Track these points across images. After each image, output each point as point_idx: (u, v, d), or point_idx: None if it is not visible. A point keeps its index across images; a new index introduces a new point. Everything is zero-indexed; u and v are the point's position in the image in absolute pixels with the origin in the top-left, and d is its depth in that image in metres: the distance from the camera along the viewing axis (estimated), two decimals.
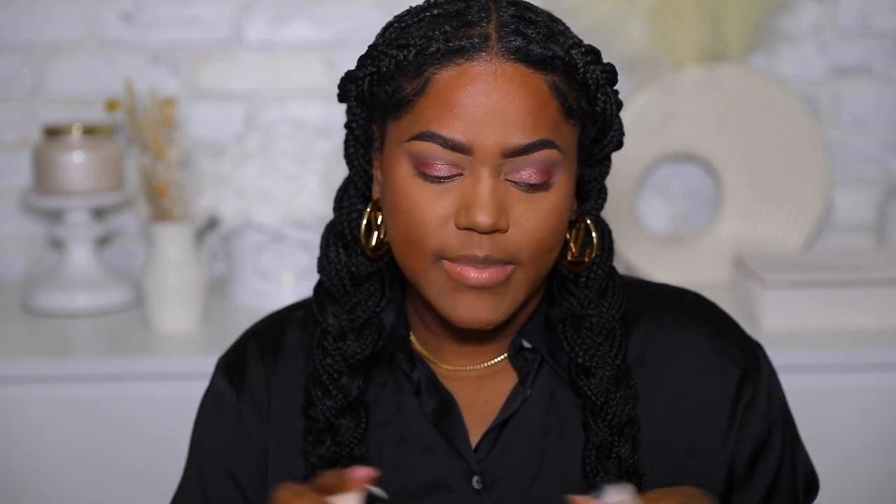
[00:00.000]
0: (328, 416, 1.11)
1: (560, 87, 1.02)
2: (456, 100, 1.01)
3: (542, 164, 1.02)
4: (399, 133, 1.04)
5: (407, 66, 1.03)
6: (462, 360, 1.14)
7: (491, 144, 1.00)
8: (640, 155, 2.07)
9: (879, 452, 1.78)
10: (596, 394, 1.08)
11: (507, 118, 1.00)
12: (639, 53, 2.02)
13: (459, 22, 1.02)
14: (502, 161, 1.01)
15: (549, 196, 1.03)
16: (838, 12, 2.18)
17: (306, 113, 2.17)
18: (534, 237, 1.03)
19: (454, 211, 1.02)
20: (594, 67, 1.04)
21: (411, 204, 1.03)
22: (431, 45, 1.02)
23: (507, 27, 1.02)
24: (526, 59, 1.01)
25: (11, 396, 1.75)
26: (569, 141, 1.04)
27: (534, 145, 1.01)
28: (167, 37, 2.15)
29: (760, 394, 1.13)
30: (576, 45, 1.04)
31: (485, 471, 1.10)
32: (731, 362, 1.13)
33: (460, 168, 1.02)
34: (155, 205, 1.92)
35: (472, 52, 1.01)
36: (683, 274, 2.04)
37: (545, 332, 1.12)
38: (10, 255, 2.19)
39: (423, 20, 1.04)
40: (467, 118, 1.00)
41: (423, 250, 1.03)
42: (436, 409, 1.12)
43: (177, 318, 1.89)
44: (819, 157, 2.07)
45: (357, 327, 1.12)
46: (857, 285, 1.86)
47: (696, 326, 1.14)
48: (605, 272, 1.13)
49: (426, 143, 1.02)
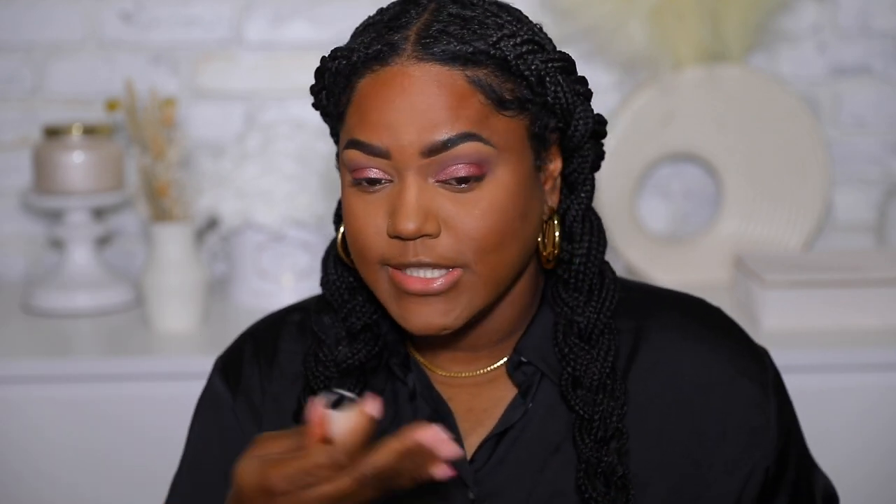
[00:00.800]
0: None
1: (485, 80, 1.01)
2: (372, 105, 1.01)
3: (467, 158, 1.00)
4: (340, 145, 1.05)
5: (339, 77, 1.04)
6: (458, 367, 1.12)
7: (408, 145, 1.00)
8: (640, 155, 2.07)
9: (879, 452, 1.78)
10: (583, 407, 1.06)
11: (422, 117, 1.00)
12: (639, 53, 2.02)
13: (386, 27, 1.03)
14: (424, 162, 1.00)
15: (484, 193, 1.01)
16: (838, 12, 2.18)
17: (306, 113, 2.16)
18: (471, 237, 1.01)
19: (386, 220, 1.02)
20: (531, 58, 1.02)
21: (352, 215, 1.03)
22: (354, 54, 1.03)
23: (428, 28, 1.01)
24: (441, 58, 1.00)
25: (11, 396, 1.75)
26: (506, 133, 1.02)
27: (452, 140, 1.00)
28: (167, 37, 2.15)
29: (773, 409, 1.11)
30: (507, 36, 1.02)
31: (480, 480, 1.08)
32: (741, 373, 1.11)
33: (389, 175, 1.02)
34: (155, 205, 1.92)
35: (387, 57, 1.01)
36: (683, 274, 2.04)
37: (543, 344, 1.10)
38: (10, 255, 2.19)
39: (364, 27, 1.06)
40: (383, 123, 1.00)
41: (368, 259, 1.04)
42: (430, 417, 1.10)
43: (177, 318, 1.89)
44: (819, 157, 2.07)
45: (352, 334, 1.12)
46: (857, 285, 1.86)
47: (708, 336, 1.12)
48: (593, 271, 1.10)
49: (352, 152, 1.02)
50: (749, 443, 1.10)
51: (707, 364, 1.11)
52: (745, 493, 1.09)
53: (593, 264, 1.10)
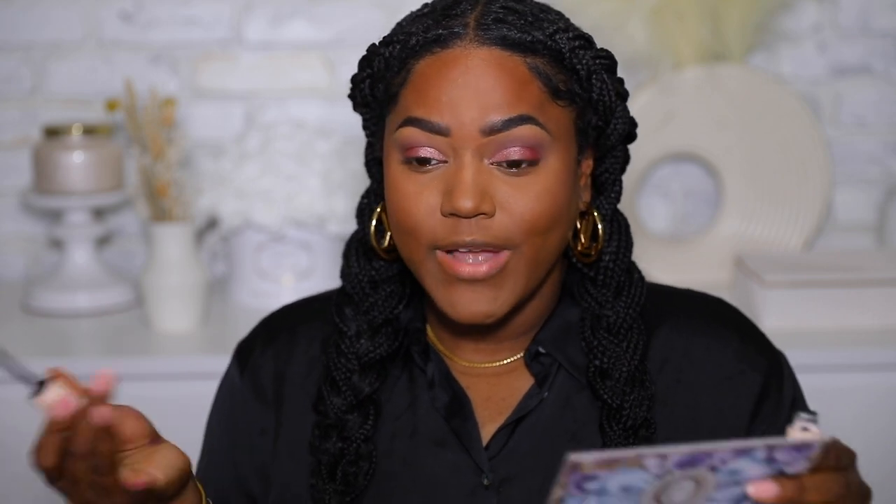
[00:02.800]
0: (337, 413, 1.12)
1: (542, 68, 1.03)
2: (432, 84, 1.02)
3: (525, 141, 1.02)
4: (390, 127, 1.06)
5: (393, 61, 1.05)
6: (479, 357, 1.13)
7: (468, 123, 1.01)
8: (640, 155, 2.07)
9: (879, 452, 1.78)
10: (612, 396, 1.08)
11: (484, 97, 1.01)
12: (639, 53, 2.02)
13: (442, 15, 1.04)
14: (483, 141, 1.01)
15: (538, 178, 1.03)
16: (839, 12, 2.18)
17: (306, 113, 2.17)
18: (524, 218, 1.02)
19: (440, 199, 1.02)
20: (583, 52, 1.05)
21: (401, 195, 1.04)
22: (412, 38, 1.04)
23: (486, 16, 1.03)
24: (502, 43, 1.02)
25: (12, 396, 1.75)
26: (558, 122, 1.04)
27: (512, 120, 1.01)
28: (167, 37, 2.15)
29: (785, 402, 1.12)
30: (561, 30, 1.05)
31: (495, 467, 1.10)
32: (751, 367, 1.12)
33: (444, 155, 1.02)
34: (155, 205, 1.92)
35: (448, 41, 1.03)
36: (683, 274, 2.04)
37: (561, 337, 1.12)
38: (10, 255, 2.19)
39: (414, 18, 1.07)
40: (444, 101, 1.01)
41: (417, 241, 1.04)
42: (448, 405, 1.11)
43: (177, 318, 1.89)
44: (819, 157, 2.07)
45: (374, 328, 1.13)
46: (857, 285, 1.86)
47: (718, 332, 1.13)
48: (622, 269, 1.13)
49: (408, 129, 1.03)
50: (752, 429, 1.11)
51: (715, 359, 1.12)
52: None
53: (622, 262, 1.13)
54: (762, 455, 0.82)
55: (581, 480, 0.82)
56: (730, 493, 0.84)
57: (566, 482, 0.82)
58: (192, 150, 2.12)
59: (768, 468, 0.83)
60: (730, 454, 0.82)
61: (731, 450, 0.81)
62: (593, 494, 0.83)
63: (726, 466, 0.82)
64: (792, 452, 0.83)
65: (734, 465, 0.82)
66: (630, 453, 0.81)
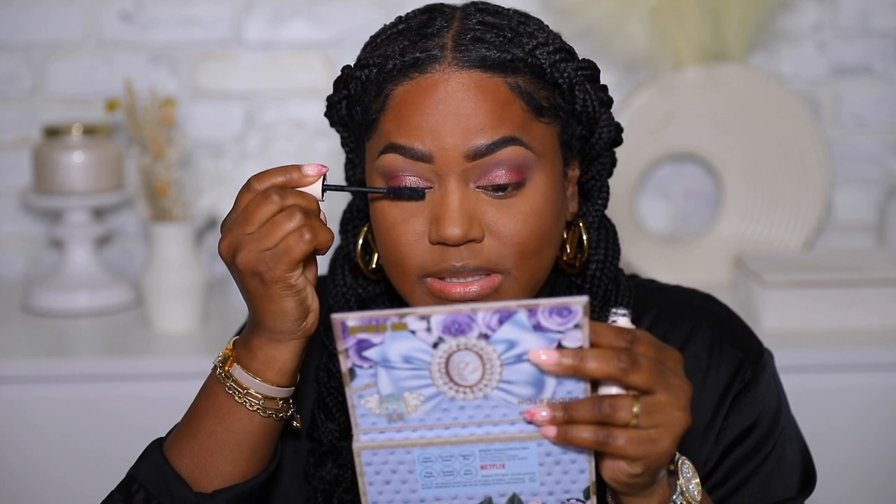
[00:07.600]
0: (331, 440, 1.12)
1: (524, 87, 1.02)
2: (412, 111, 1.01)
3: (510, 162, 1.01)
4: (371, 153, 1.05)
5: (370, 85, 1.03)
6: None
7: (451, 149, 1.00)
8: (640, 155, 2.07)
9: (879, 452, 1.78)
10: None
11: (466, 121, 1.00)
12: (639, 53, 2.02)
13: (418, 35, 1.03)
14: (468, 166, 1.00)
15: (525, 199, 1.02)
16: (838, 12, 2.18)
17: (306, 113, 2.17)
18: (514, 241, 1.01)
19: (427, 227, 1.01)
20: (564, 66, 1.04)
21: (388, 224, 1.03)
22: (388, 62, 1.02)
23: (464, 35, 1.02)
24: (482, 65, 1.01)
25: (11, 396, 1.75)
26: (542, 139, 1.03)
27: (496, 143, 1.00)
28: (167, 37, 2.15)
29: (758, 400, 1.11)
30: (541, 45, 1.03)
31: None
32: (725, 360, 1.12)
33: (429, 181, 1.01)
34: (155, 205, 1.92)
35: (426, 65, 1.01)
36: (683, 274, 2.04)
37: None
38: (9, 255, 2.19)
39: (388, 37, 1.05)
40: (425, 127, 1.00)
41: (405, 270, 1.03)
42: None
43: (176, 318, 1.89)
44: (819, 157, 2.07)
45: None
46: (857, 285, 1.86)
47: (697, 324, 1.13)
48: (609, 278, 1.12)
49: (390, 156, 1.02)
50: (717, 413, 1.10)
51: (690, 350, 1.12)
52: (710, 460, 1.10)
53: (609, 271, 1.12)
54: (526, 319, 0.83)
55: (358, 347, 0.84)
56: (526, 375, 0.85)
57: (344, 348, 0.84)
58: (192, 150, 2.12)
59: (545, 340, 0.84)
60: (490, 315, 0.82)
61: (490, 309, 0.82)
62: (380, 366, 0.84)
63: (497, 335, 0.83)
64: (554, 316, 0.83)
65: (504, 333, 0.83)
66: (391, 312, 0.83)
